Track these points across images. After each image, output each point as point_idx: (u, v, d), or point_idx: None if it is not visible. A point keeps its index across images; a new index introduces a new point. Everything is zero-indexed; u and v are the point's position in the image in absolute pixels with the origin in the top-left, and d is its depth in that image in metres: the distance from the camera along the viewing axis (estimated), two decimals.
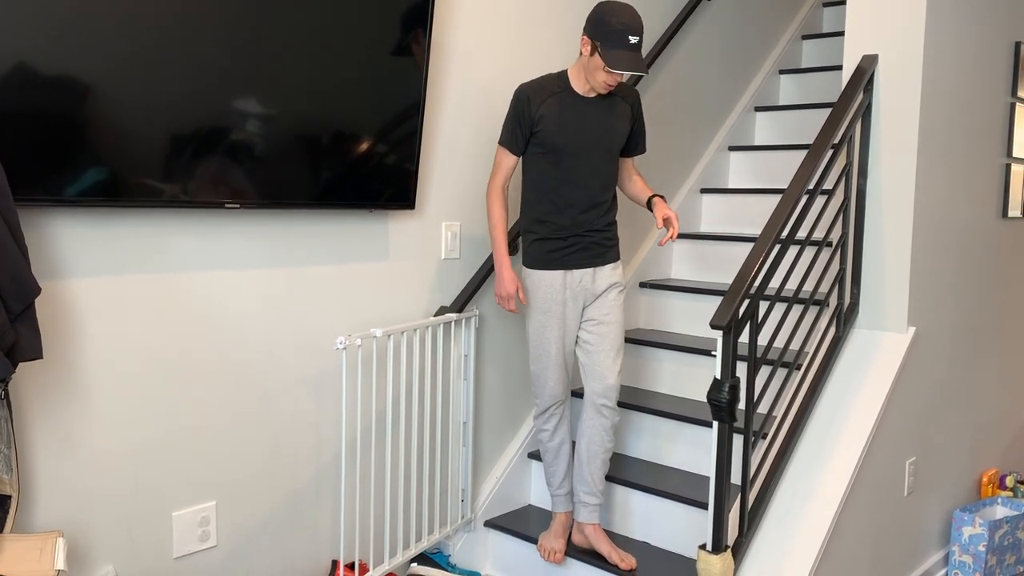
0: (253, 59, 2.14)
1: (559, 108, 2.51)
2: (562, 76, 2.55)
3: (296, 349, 2.45)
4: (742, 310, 2.23)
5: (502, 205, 2.60)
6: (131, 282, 2.08)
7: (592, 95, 2.54)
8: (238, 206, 2.17)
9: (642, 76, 3.32)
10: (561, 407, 2.70)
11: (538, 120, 2.50)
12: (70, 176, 1.87)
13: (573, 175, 2.54)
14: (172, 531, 2.21)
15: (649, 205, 2.61)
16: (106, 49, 1.88)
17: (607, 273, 2.63)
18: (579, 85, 2.53)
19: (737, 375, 2.19)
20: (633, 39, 2.36)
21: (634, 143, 2.69)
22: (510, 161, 2.59)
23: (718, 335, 2.17)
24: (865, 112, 2.73)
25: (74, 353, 1.99)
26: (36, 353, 1.74)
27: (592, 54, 2.41)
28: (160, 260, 2.13)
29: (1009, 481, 3.46)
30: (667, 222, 2.50)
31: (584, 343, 2.63)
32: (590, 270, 2.61)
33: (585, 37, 2.42)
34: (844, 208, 2.73)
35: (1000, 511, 3.26)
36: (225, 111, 2.11)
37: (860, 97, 2.68)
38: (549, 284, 2.58)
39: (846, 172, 2.72)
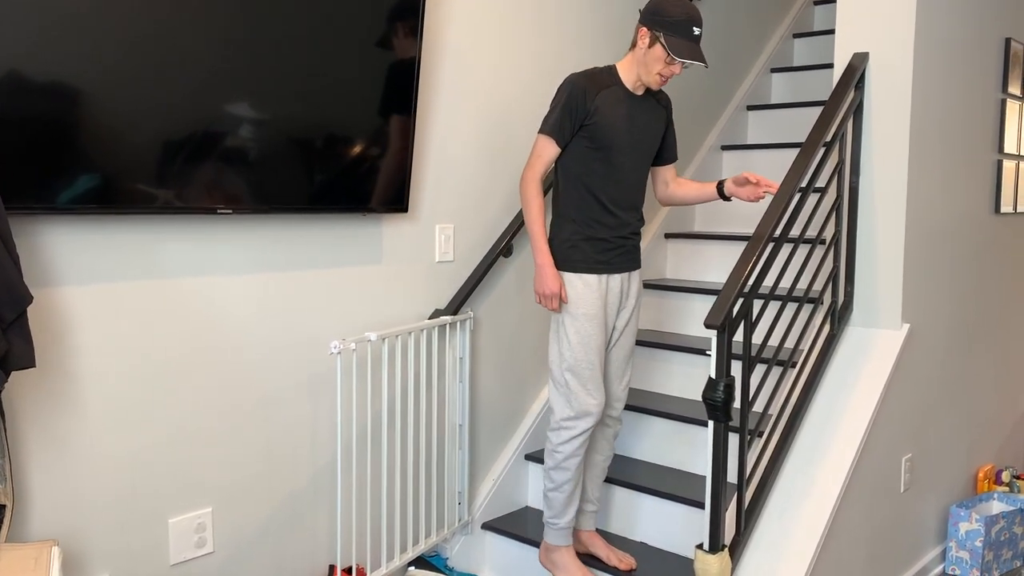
0: (243, 63, 2.13)
1: (614, 101, 2.40)
2: (612, 70, 2.44)
3: (290, 354, 2.45)
4: (736, 309, 2.23)
5: (541, 196, 2.43)
6: (124, 289, 2.08)
7: (640, 91, 2.45)
8: (230, 212, 2.17)
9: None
10: (594, 427, 2.52)
11: (593, 112, 2.37)
12: (61, 183, 1.87)
13: (620, 173, 2.44)
14: (168, 538, 2.20)
15: (721, 190, 2.51)
16: (95, 55, 1.88)
17: (637, 278, 2.56)
18: (629, 80, 2.43)
19: (732, 374, 2.19)
20: (696, 30, 2.29)
21: (669, 148, 2.59)
22: (552, 151, 2.42)
23: (712, 334, 2.17)
24: (856, 110, 2.74)
25: (67, 361, 1.99)
26: (29, 362, 1.74)
27: (651, 45, 2.32)
28: (153, 267, 2.13)
29: (1005, 476, 3.46)
30: (755, 179, 2.39)
31: None
32: (627, 274, 2.52)
33: (644, 29, 2.33)
34: (837, 206, 2.73)
35: (996, 506, 3.27)
36: (216, 116, 2.10)
37: (851, 95, 2.69)
38: (595, 289, 2.44)
39: (838, 170, 2.73)
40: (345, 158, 2.40)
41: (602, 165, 2.42)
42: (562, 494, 2.52)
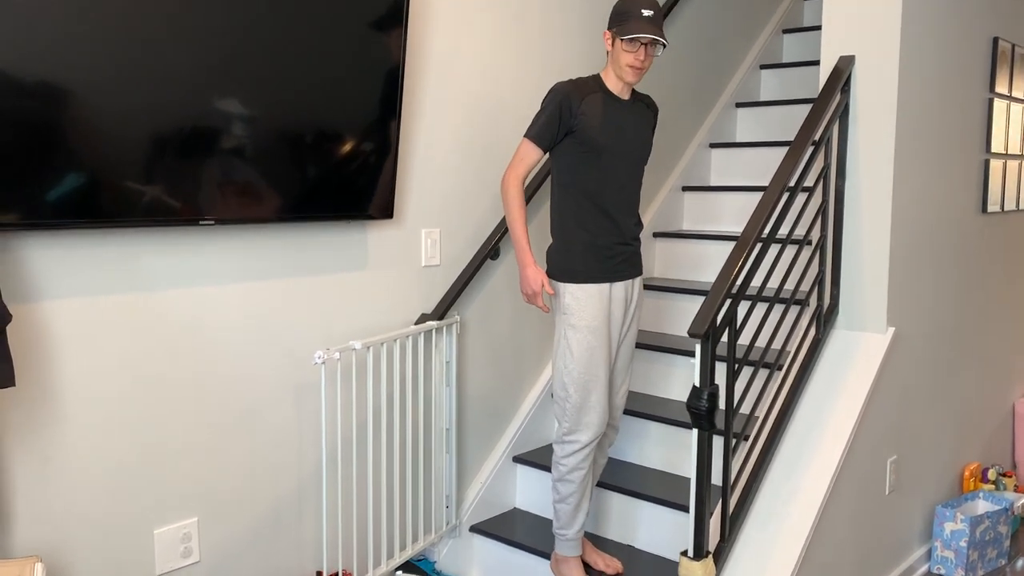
0: (226, 71, 2.11)
1: (601, 106, 2.40)
2: (596, 78, 2.46)
3: (275, 363, 2.44)
4: (720, 316, 2.23)
5: (522, 198, 2.42)
6: (106, 303, 2.06)
7: (626, 96, 2.46)
8: (213, 222, 2.16)
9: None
10: (599, 439, 2.50)
11: (579, 117, 2.37)
12: (37, 197, 1.85)
13: (616, 177, 2.43)
14: (154, 549, 2.20)
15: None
16: (72, 61, 1.86)
17: (639, 285, 2.54)
18: (613, 86, 2.44)
19: (716, 381, 2.19)
20: (647, 12, 2.32)
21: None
22: (535, 156, 2.42)
23: (696, 342, 2.17)
24: (843, 113, 2.73)
25: (49, 376, 1.98)
26: (7, 382, 1.73)
27: (613, 43, 2.37)
28: (135, 279, 2.12)
29: (991, 474, 3.48)
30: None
31: None
32: (631, 281, 2.50)
33: (606, 32, 2.40)
34: (823, 209, 2.73)
35: (982, 506, 3.28)
36: (197, 126, 2.08)
37: (837, 98, 2.68)
38: (598, 300, 2.41)
39: (824, 173, 2.72)
40: (329, 165, 2.39)
41: (595, 170, 2.41)
42: (568, 506, 2.51)
